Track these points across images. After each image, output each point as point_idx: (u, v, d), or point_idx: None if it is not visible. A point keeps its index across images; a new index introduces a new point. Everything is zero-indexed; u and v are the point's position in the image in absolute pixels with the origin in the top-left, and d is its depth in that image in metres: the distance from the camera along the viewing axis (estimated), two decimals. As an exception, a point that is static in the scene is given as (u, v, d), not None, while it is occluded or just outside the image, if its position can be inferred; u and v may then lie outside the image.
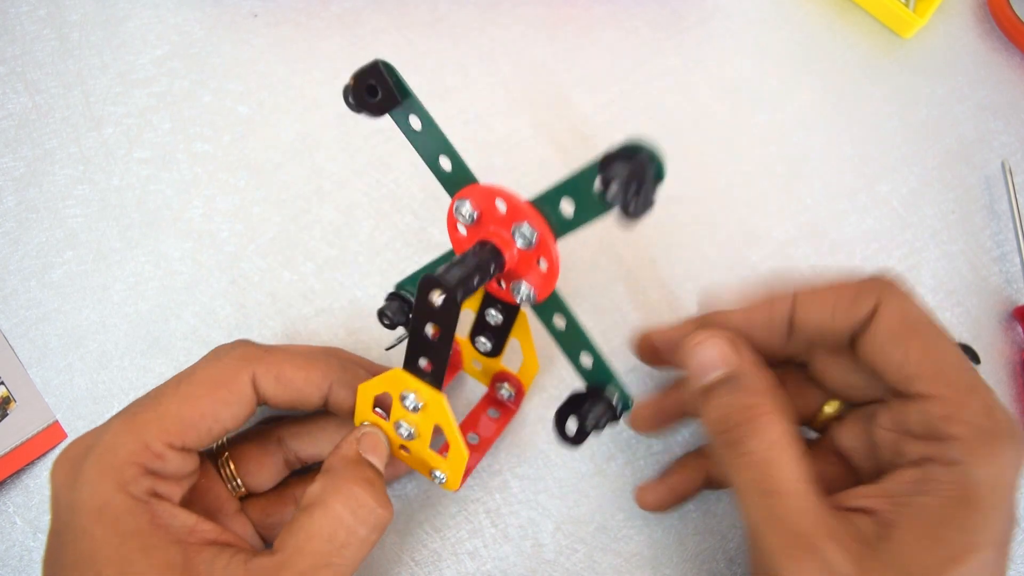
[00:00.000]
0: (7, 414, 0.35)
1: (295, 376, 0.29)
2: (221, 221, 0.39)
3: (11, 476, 0.34)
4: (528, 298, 0.27)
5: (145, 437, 0.26)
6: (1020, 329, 0.38)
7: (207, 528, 0.26)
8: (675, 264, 0.39)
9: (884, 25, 0.45)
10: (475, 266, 0.26)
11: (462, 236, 0.28)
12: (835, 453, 0.31)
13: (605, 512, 0.34)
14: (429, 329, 0.26)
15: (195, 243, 0.38)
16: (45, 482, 0.34)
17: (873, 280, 0.28)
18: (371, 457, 0.28)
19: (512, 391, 0.34)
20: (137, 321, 0.37)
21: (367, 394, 0.29)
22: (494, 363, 0.33)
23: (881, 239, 0.40)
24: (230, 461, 0.30)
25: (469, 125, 0.41)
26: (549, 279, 0.27)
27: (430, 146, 0.28)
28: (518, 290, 0.28)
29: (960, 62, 0.44)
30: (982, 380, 0.27)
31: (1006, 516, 0.25)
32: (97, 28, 0.42)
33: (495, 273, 0.27)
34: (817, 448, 0.31)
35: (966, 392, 0.26)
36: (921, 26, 0.43)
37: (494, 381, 0.34)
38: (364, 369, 0.31)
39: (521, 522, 0.34)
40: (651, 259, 0.39)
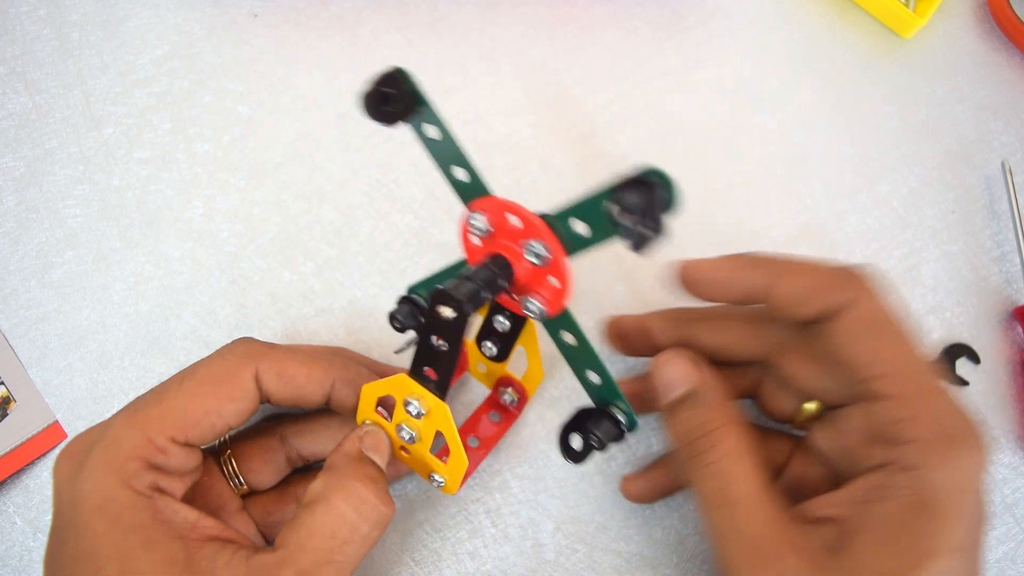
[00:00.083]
0: (7, 414, 0.35)
1: (297, 373, 0.29)
2: (221, 221, 0.39)
3: (11, 476, 0.34)
4: (538, 313, 0.27)
5: (148, 432, 0.26)
6: (1020, 329, 0.38)
7: (209, 524, 0.26)
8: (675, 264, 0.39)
9: (884, 25, 0.45)
10: (486, 281, 0.26)
11: (474, 246, 0.28)
12: (820, 453, 0.31)
13: (605, 512, 0.34)
14: (437, 340, 0.26)
15: (195, 243, 0.38)
16: (45, 482, 0.34)
17: (853, 272, 0.28)
18: (373, 455, 0.28)
19: (515, 397, 0.34)
20: (137, 321, 0.37)
21: (371, 395, 0.29)
22: (499, 367, 0.33)
23: (881, 239, 0.40)
24: (232, 459, 0.30)
25: (469, 125, 0.41)
26: (560, 296, 0.27)
27: (445, 155, 0.27)
28: (528, 305, 0.27)
29: (960, 62, 0.44)
30: (942, 384, 0.26)
31: (968, 520, 0.24)
32: (97, 28, 0.42)
33: (506, 287, 0.27)
34: (802, 449, 0.32)
35: (926, 395, 0.26)
36: (921, 26, 0.43)
37: (498, 385, 0.34)
38: (369, 369, 0.31)
39: (521, 522, 0.34)
40: (651, 259, 0.39)
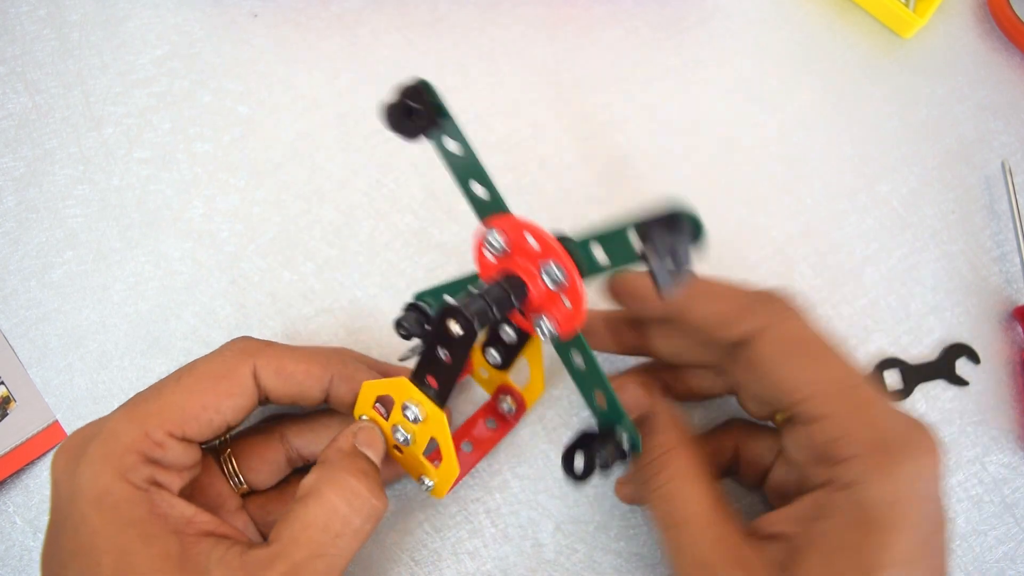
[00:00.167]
0: (7, 414, 0.35)
1: (295, 369, 0.29)
2: (221, 221, 0.39)
3: (11, 476, 0.34)
4: (549, 335, 0.27)
5: (146, 426, 0.26)
6: (1020, 329, 0.38)
7: (205, 520, 0.26)
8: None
9: (884, 25, 0.45)
10: (497, 299, 0.25)
11: (489, 262, 0.28)
12: (790, 460, 0.30)
13: (605, 512, 0.34)
14: (442, 352, 0.26)
15: (195, 243, 0.38)
16: (45, 482, 0.34)
17: (769, 295, 0.28)
18: (367, 451, 0.28)
19: (513, 406, 0.34)
20: (137, 321, 0.37)
21: (371, 392, 0.29)
22: (501, 375, 0.33)
23: (881, 239, 0.40)
24: (232, 457, 0.30)
25: (469, 125, 0.41)
26: (573, 319, 0.26)
27: (465, 170, 0.27)
28: (539, 324, 0.27)
29: (960, 62, 0.44)
30: (871, 395, 0.26)
31: (915, 531, 0.24)
32: (97, 28, 0.42)
33: (518, 307, 0.26)
34: (781, 456, 0.31)
35: (856, 410, 0.26)
36: (921, 26, 0.43)
37: (497, 392, 0.34)
38: (370, 368, 0.31)
39: (521, 522, 0.34)
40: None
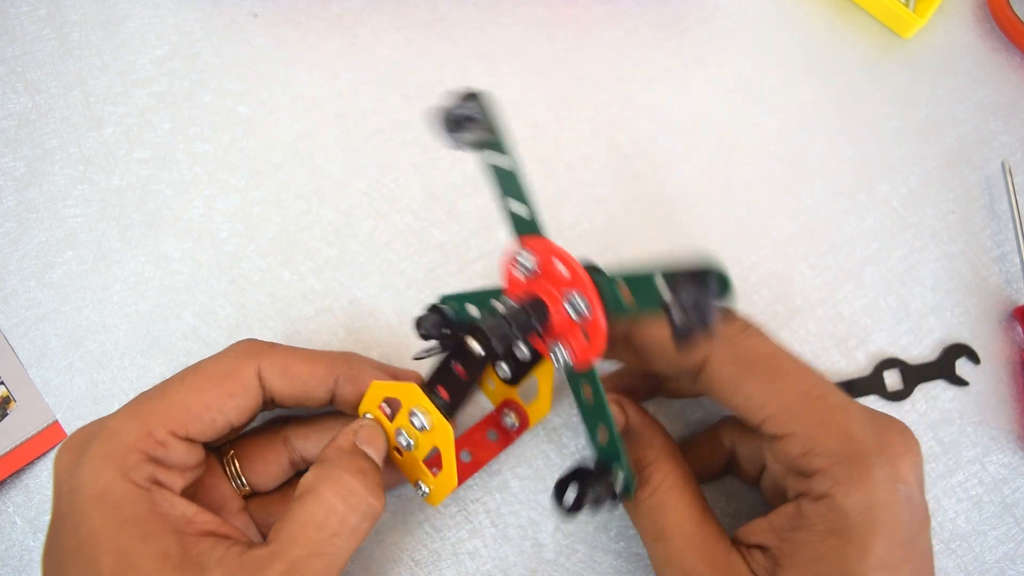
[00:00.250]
0: (7, 414, 0.35)
1: (300, 369, 0.29)
2: (221, 221, 0.39)
3: (11, 476, 0.34)
4: (563, 363, 0.27)
5: (149, 425, 0.26)
6: (1020, 329, 0.38)
7: (206, 519, 0.26)
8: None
9: (884, 25, 0.45)
10: (521, 324, 0.26)
11: (515, 278, 0.28)
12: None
13: (605, 512, 0.34)
14: (458, 369, 0.26)
15: (195, 243, 0.38)
16: (45, 482, 0.34)
17: None
18: (368, 449, 0.28)
19: (516, 422, 0.34)
20: (137, 321, 0.37)
21: (379, 392, 0.29)
22: (509, 390, 0.33)
23: (881, 239, 0.40)
24: (235, 459, 0.30)
25: (469, 125, 0.41)
26: (589, 353, 0.26)
27: (508, 187, 0.27)
28: (555, 351, 0.27)
29: (960, 62, 0.44)
30: (837, 403, 0.26)
31: (893, 535, 0.24)
32: (97, 28, 0.42)
33: (538, 331, 0.27)
34: None
35: (822, 422, 0.26)
36: (921, 26, 0.43)
37: (502, 406, 0.34)
38: (377, 369, 0.31)
39: (521, 522, 0.34)
40: (651, 259, 0.39)
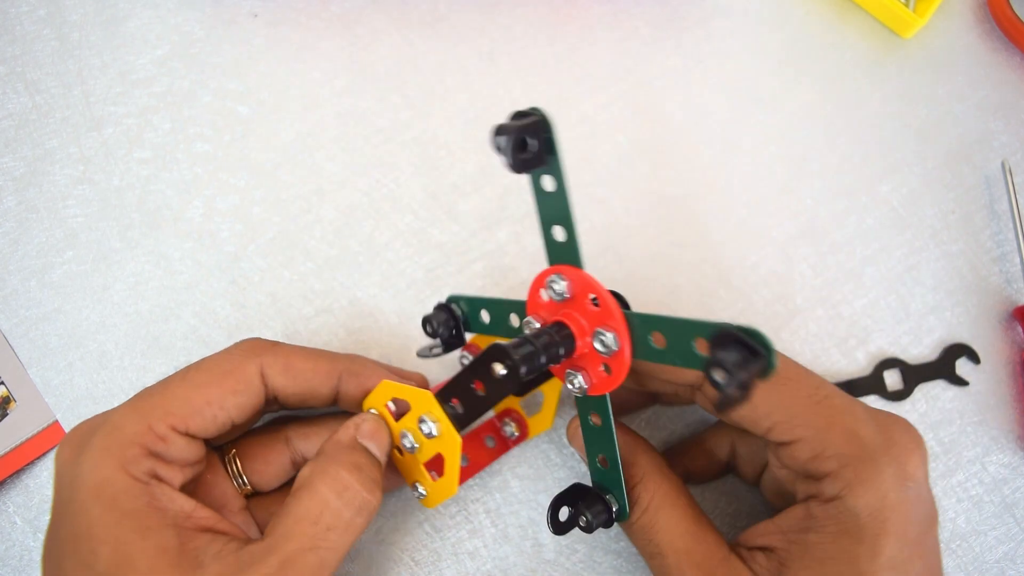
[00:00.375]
0: (7, 414, 0.35)
1: (304, 366, 0.29)
2: (221, 221, 0.39)
3: (11, 476, 0.34)
4: (577, 389, 0.27)
5: (150, 419, 0.26)
6: (1020, 329, 0.38)
7: (205, 515, 0.26)
8: (675, 265, 0.39)
9: (884, 25, 0.45)
10: (545, 347, 0.25)
11: (540, 300, 0.28)
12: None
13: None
14: (477, 387, 0.26)
15: (195, 243, 0.38)
16: (45, 482, 0.34)
17: None
18: (370, 443, 0.28)
19: (516, 432, 0.34)
20: (137, 321, 0.37)
21: (388, 392, 0.29)
22: (512, 400, 0.33)
23: (881, 239, 0.40)
24: (237, 458, 0.30)
25: (469, 125, 0.41)
26: (606, 386, 0.26)
27: (553, 211, 0.26)
28: (572, 379, 0.27)
29: (960, 62, 0.44)
30: (841, 405, 0.26)
31: (903, 533, 0.25)
32: (97, 28, 0.42)
33: (562, 358, 0.26)
34: None
35: (828, 425, 0.26)
36: (921, 26, 0.43)
37: (504, 414, 0.34)
38: (382, 369, 0.31)
39: (521, 522, 0.34)
40: (651, 259, 0.39)
